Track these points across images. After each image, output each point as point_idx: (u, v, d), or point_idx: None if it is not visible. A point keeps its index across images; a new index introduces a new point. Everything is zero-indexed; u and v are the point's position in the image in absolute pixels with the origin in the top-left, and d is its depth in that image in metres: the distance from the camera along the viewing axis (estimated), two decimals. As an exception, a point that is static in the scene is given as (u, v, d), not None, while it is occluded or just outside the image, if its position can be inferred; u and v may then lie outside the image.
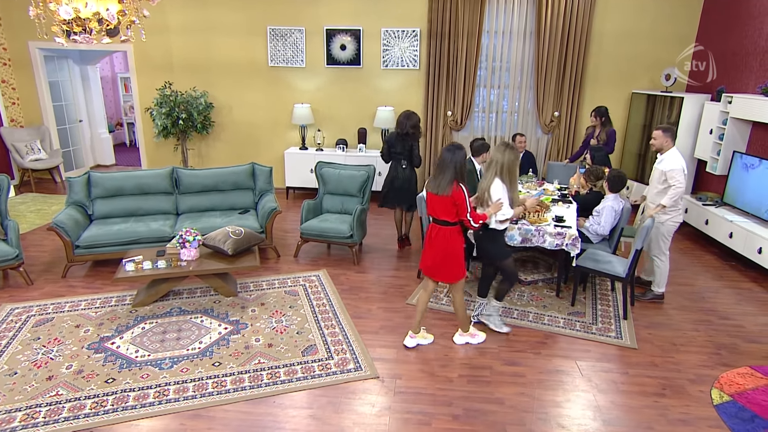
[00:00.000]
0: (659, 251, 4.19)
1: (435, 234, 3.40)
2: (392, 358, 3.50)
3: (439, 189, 3.30)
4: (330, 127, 7.52)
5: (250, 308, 4.12)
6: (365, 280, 4.75)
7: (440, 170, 3.31)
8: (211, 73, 7.39)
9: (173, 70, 7.40)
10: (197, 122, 7.09)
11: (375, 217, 6.68)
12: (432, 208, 3.38)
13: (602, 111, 5.75)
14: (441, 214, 3.35)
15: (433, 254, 3.43)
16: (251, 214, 5.33)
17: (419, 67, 7.11)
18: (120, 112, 11.30)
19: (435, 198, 3.33)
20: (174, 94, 7.02)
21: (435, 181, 3.33)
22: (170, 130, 7.05)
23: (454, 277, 3.46)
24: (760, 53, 5.56)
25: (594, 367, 3.42)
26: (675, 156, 4.00)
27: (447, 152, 3.29)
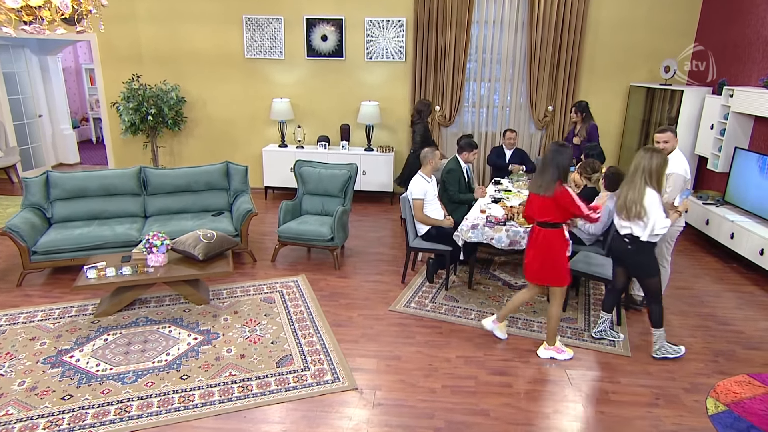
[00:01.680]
0: (661, 257, 4.25)
1: (537, 236, 3.47)
2: (372, 368, 3.52)
3: (541, 189, 3.39)
4: (311, 123, 7.54)
5: (223, 317, 4.12)
6: (346, 286, 4.77)
7: (542, 170, 3.39)
8: (182, 66, 7.38)
9: (142, 62, 7.37)
10: (168, 118, 7.07)
11: (358, 219, 6.70)
12: (533, 209, 3.47)
13: (583, 106, 5.82)
14: (543, 216, 3.43)
15: (537, 257, 3.48)
16: (225, 216, 5.33)
17: (405, 60, 7.15)
18: (85, 106, 11.23)
19: (537, 199, 3.42)
20: (142, 88, 7.00)
21: (537, 181, 3.42)
22: (139, 127, 7.03)
23: (559, 280, 3.50)
24: (763, 44, 5.67)
25: (584, 376, 3.47)
26: (678, 159, 4.02)
27: (551, 152, 3.37)
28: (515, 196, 5.19)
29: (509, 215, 4.40)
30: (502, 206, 4.70)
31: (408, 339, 3.89)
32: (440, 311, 4.30)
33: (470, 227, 4.35)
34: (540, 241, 3.46)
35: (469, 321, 4.15)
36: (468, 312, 4.29)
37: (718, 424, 3.00)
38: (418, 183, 4.64)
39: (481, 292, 4.67)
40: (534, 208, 3.47)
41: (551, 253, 3.44)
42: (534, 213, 3.48)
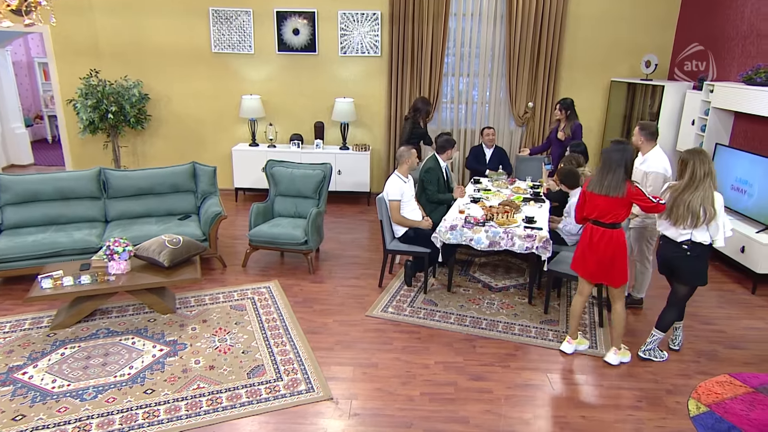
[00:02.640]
0: (642, 256, 4.36)
1: (600, 237, 3.51)
2: (348, 376, 3.53)
3: (611, 190, 3.41)
4: (283, 120, 7.50)
5: (190, 326, 4.08)
6: (321, 291, 4.77)
7: (608, 170, 3.42)
8: (145, 60, 7.27)
9: (100, 57, 7.24)
10: (130, 116, 6.95)
11: (333, 221, 6.70)
12: (598, 210, 3.49)
13: (567, 103, 5.87)
14: (609, 217, 3.47)
15: (599, 258, 3.54)
16: (192, 219, 5.28)
17: (381, 54, 7.17)
18: (39, 103, 10.95)
19: (603, 200, 3.44)
20: (102, 84, 6.87)
21: (602, 181, 3.43)
22: (98, 126, 6.90)
23: (622, 280, 3.57)
24: (741, 38, 5.85)
25: (566, 379, 3.54)
26: (657, 157, 4.12)
27: (615, 151, 3.40)
28: (495, 196, 5.25)
29: (488, 215, 4.46)
30: (481, 206, 4.76)
31: (385, 345, 3.91)
32: (419, 315, 4.33)
33: (449, 228, 4.39)
34: (607, 241, 3.50)
35: (449, 325, 4.19)
36: (447, 316, 4.33)
37: (699, 425, 3.09)
38: (394, 183, 4.66)
39: (461, 294, 4.71)
40: (599, 209, 3.48)
41: (621, 252, 3.52)
42: (599, 214, 3.49)
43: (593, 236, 3.55)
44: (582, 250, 3.65)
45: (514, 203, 4.77)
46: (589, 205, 3.55)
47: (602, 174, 3.45)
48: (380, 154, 7.62)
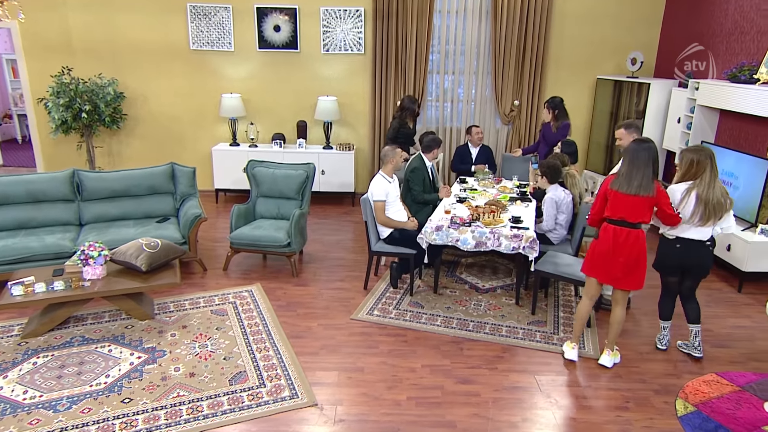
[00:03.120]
0: None
1: (625, 238, 3.44)
2: (333, 381, 3.53)
3: (641, 189, 3.36)
4: (265, 119, 7.47)
5: (170, 332, 4.04)
6: (305, 294, 4.76)
7: (636, 168, 3.36)
8: (120, 58, 7.18)
9: (73, 54, 7.13)
10: (105, 115, 6.86)
11: (317, 222, 6.68)
12: (622, 209, 3.42)
13: (556, 102, 5.91)
14: (636, 217, 3.41)
15: (626, 260, 3.47)
16: (171, 222, 5.23)
17: (364, 52, 7.17)
18: (8, 101, 10.75)
19: (631, 199, 3.38)
20: (75, 82, 6.77)
21: (630, 180, 3.37)
22: (71, 125, 6.79)
23: (641, 282, 3.55)
24: (725, 36, 5.97)
25: (554, 381, 3.57)
26: None
27: (642, 150, 3.35)
28: (481, 195, 5.29)
29: (474, 215, 4.48)
30: (467, 206, 4.78)
31: (371, 349, 3.91)
32: (405, 318, 4.34)
33: (434, 229, 4.41)
34: (633, 242, 3.44)
35: (435, 327, 4.20)
36: (434, 318, 4.35)
37: (687, 425, 3.14)
38: (378, 184, 4.67)
39: (448, 296, 4.73)
40: (626, 209, 3.41)
41: (644, 253, 3.49)
42: (626, 214, 3.42)
43: (618, 237, 3.46)
44: (602, 254, 3.53)
45: (501, 203, 4.80)
46: (613, 206, 3.45)
47: (630, 173, 3.38)
48: (365, 153, 7.62)
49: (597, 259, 3.58)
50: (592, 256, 3.61)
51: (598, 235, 3.55)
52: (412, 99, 6.36)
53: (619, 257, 3.48)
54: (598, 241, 3.57)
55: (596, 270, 3.60)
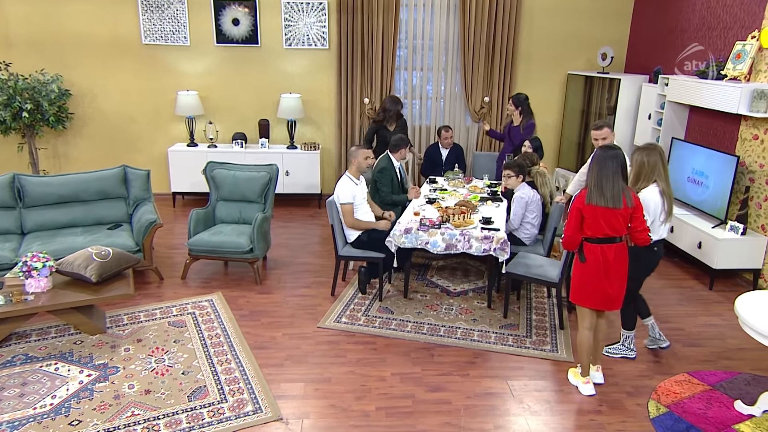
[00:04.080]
0: None
1: (615, 255, 3.32)
2: (299, 393, 3.52)
3: (616, 201, 3.23)
4: (225, 118, 7.39)
5: (123, 347, 3.97)
6: (269, 302, 4.73)
7: (605, 178, 3.23)
8: (64, 52, 6.99)
9: (10, 47, 6.91)
10: (49, 114, 6.67)
11: (281, 226, 6.65)
12: (605, 225, 3.27)
13: (522, 99, 6.01)
14: (619, 230, 3.29)
15: (620, 280, 3.38)
16: (124, 229, 5.14)
17: (329, 47, 7.17)
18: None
19: (609, 212, 3.24)
20: (13, 79, 6.55)
21: (603, 192, 3.22)
22: (10, 125, 6.57)
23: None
24: (694, 31, 6.18)
25: (527, 386, 3.64)
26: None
27: (609, 158, 3.22)
28: (451, 196, 5.35)
29: (444, 217, 4.53)
30: (437, 207, 4.83)
31: (339, 358, 3.92)
32: (374, 325, 4.36)
33: (403, 231, 4.44)
34: (623, 257, 3.36)
35: (405, 333, 4.23)
36: (404, 324, 4.38)
37: (659, 427, 3.25)
38: (344, 186, 4.67)
39: (418, 300, 4.77)
40: (608, 224, 3.26)
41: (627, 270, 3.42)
42: (610, 229, 3.27)
43: (607, 257, 3.31)
44: (595, 278, 3.35)
45: (471, 203, 4.87)
46: (594, 223, 3.29)
47: (601, 184, 3.24)
48: (331, 153, 7.62)
49: (590, 286, 3.38)
50: (583, 283, 3.41)
51: (585, 258, 3.37)
52: (395, 100, 6.26)
53: (613, 279, 3.35)
54: (586, 265, 3.36)
55: (591, 298, 3.41)
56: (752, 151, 5.21)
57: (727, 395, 3.52)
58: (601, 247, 3.31)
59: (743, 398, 3.45)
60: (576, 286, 3.47)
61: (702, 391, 3.57)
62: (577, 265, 3.45)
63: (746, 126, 5.31)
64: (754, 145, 5.19)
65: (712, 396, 3.51)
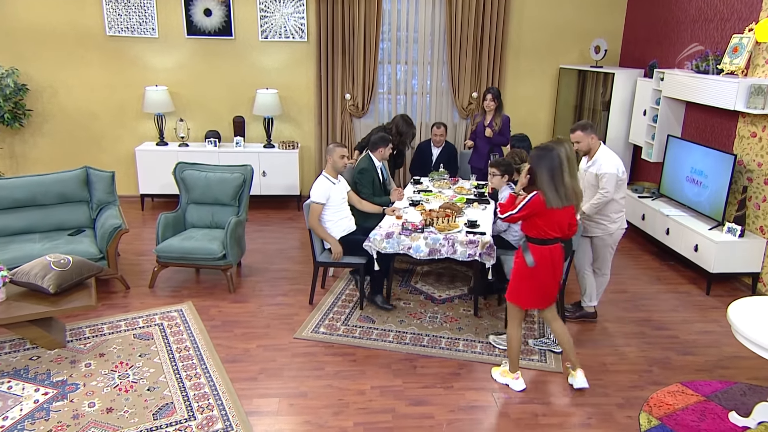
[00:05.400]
0: (605, 265, 4.56)
1: (558, 254, 3.60)
2: (273, 409, 3.52)
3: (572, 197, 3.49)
4: (197, 115, 7.37)
5: (84, 362, 3.94)
6: (243, 312, 4.73)
7: (556, 178, 3.42)
8: (21, 45, 6.93)
9: (-36, 40, 6.85)
10: (4, 111, 6.61)
11: (257, 230, 6.64)
12: (558, 226, 3.52)
13: (498, 92, 6.05)
14: (566, 228, 3.59)
15: (560, 277, 3.73)
16: (86, 235, 5.12)
17: (308, 39, 7.18)
18: None
19: (564, 211, 3.50)
20: (-34, 74, 6.49)
21: (559, 192, 3.42)
22: (-37, 124, 6.52)
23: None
24: (690, 23, 6.27)
25: (513, 398, 3.67)
26: (609, 157, 4.32)
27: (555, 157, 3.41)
28: (436, 198, 5.37)
29: (428, 220, 4.56)
30: (420, 210, 4.85)
31: (316, 371, 3.93)
32: (354, 335, 4.37)
33: (384, 236, 4.46)
34: (562, 256, 3.64)
35: (387, 344, 4.25)
36: (386, 333, 4.40)
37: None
38: (320, 185, 4.67)
39: (401, 308, 4.79)
40: (562, 225, 3.52)
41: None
42: (561, 231, 3.55)
43: (554, 256, 3.57)
44: (544, 279, 3.57)
45: (456, 206, 4.90)
46: (549, 224, 3.48)
47: (555, 185, 3.42)
48: (311, 152, 7.63)
49: (538, 287, 3.58)
50: (533, 287, 3.58)
51: (533, 261, 3.51)
52: (409, 122, 5.95)
53: (558, 278, 3.68)
54: (536, 269, 3.53)
55: (537, 298, 3.63)
56: (750, 149, 5.30)
57: (721, 406, 3.58)
58: (549, 249, 3.56)
59: (738, 409, 3.50)
60: (520, 288, 3.63)
61: (696, 402, 3.63)
62: (523, 268, 3.59)
63: (744, 123, 5.39)
64: (752, 143, 5.27)
65: (706, 407, 3.57)
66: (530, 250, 3.54)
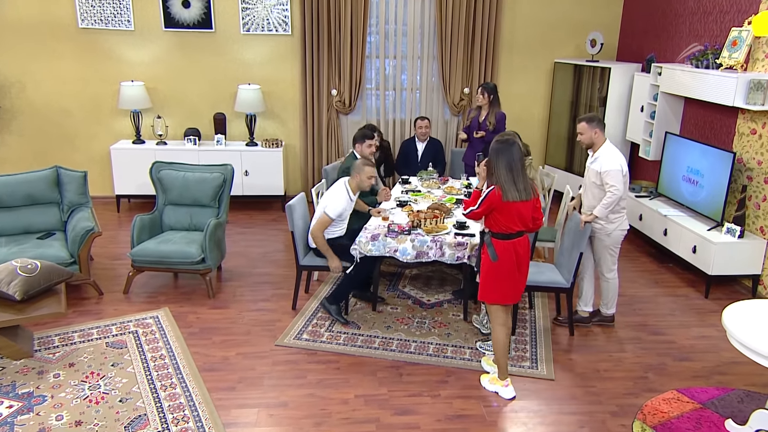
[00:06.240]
0: (606, 267, 4.56)
1: (524, 248, 3.71)
2: (251, 420, 3.52)
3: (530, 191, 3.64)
4: (175, 112, 7.36)
5: (52, 373, 3.92)
6: (222, 319, 4.72)
7: (515, 171, 3.56)
8: (-13, 37, 6.90)
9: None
10: (-30, 108, 6.58)
11: (239, 232, 6.63)
12: (520, 220, 3.62)
13: (492, 88, 6.08)
14: (530, 221, 3.70)
15: (527, 271, 3.80)
16: (56, 238, 5.10)
17: (292, 32, 7.18)
18: None
19: (526, 205, 3.61)
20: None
21: (517, 185, 3.55)
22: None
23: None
24: (688, 15, 6.31)
25: (502, 407, 3.68)
26: (611, 153, 4.33)
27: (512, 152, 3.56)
28: (425, 198, 5.38)
29: (415, 222, 4.56)
30: (407, 211, 4.86)
31: (298, 380, 3.92)
32: (338, 342, 4.37)
33: (370, 238, 4.46)
34: (528, 250, 3.76)
35: (372, 351, 4.25)
36: (371, 340, 4.40)
37: (644, 448, 3.31)
38: (339, 198, 4.61)
39: (388, 314, 4.80)
40: (523, 219, 3.62)
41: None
42: (523, 224, 3.64)
43: (519, 250, 3.66)
44: (510, 274, 3.67)
45: (445, 206, 4.91)
46: (509, 218, 3.59)
47: (513, 178, 3.55)
48: (296, 150, 7.62)
49: (504, 282, 3.68)
50: (497, 281, 3.68)
51: (496, 255, 3.63)
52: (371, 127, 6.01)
53: (523, 272, 3.76)
54: (500, 264, 3.65)
55: (506, 294, 3.71)
56: (750, 146, 5.34)
57: (718, 414, 3.60)
58: (513, 243, 3.65)
59: (735, 417, 3.53)
60: (489, 285, 3.73)
61: (692, 409, 3.65)
62: (488, 264, 3.70)
63: (744, 119, 5.43)
64: (752, 141, 5.31)
65: (702, 415, 3.59)
66: (493, 245, 3.66)
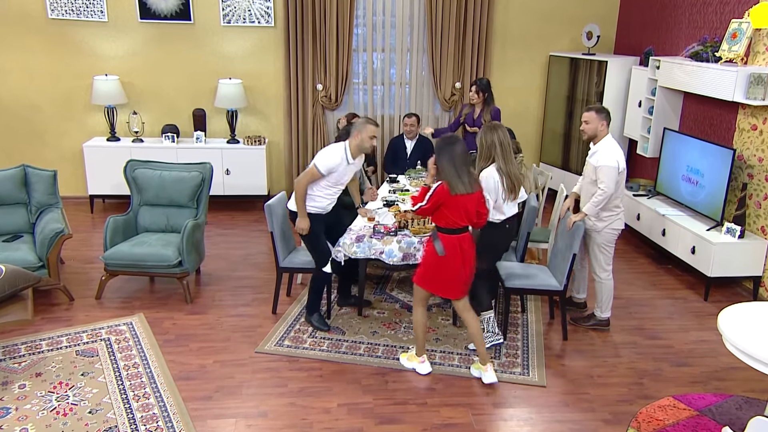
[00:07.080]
0: (598, 267, 4.58)
1: (468, 243, 3.90)
2: (229, 431, 3.51)
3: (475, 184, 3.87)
4: (152, 108, 7.34)
5: (18, 383, 3.89)
6: (200, 325, 4.71)
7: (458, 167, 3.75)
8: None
9: None
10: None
11: (220, 233, 6.62)
12: (465, 215, 3.82)
13: (485, 84, 6.12)
14: (474, 216, 3.89)
15: (472, 266, 3.97)
16: (24, 241, 5.08)
17: (275, 24, 7.18)
18: None
19: (471, 198, 3.81)
20: None
21: (462, 179, 3.75)
22: None
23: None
24: (688, 6, 6.35)
25: (491, 415, 3.69)
26: (609, 148, 4.35)
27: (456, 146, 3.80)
28: (413, 198, 5.38)
29: (402, 222, 4.56)
30: (394, 211, 4.86)
31: (278, 388, 3.92)
32: (321, 348, 4.37)
33: (355, 240, 4.46)
34: (472, 245, 3.93)
35: (357, 357, 4.25)
36: (356, 346, 4.40)
37: (639, 457, 3.32)
38: (332, 155, 4.31)
39: (374, 318, 4.80)
40: (468, 213, 3.83)
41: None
42: (469, 219, 3.85)
43: (464, 245, 3.87)
44: (454, 268, 3.85)
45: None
46: (456, 213, 3.79)
47: (458, 173, 3.75)
48: (279, 147, 7.62)
49: (448, 276, 3.88)
50: (442, 275, 3.88)
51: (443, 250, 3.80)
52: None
53: (467, 267, 3.93)
54: (447, 258, 3.82)
55: (450, 289, 3.94)
56: (750, 143, 5.37)
57: (715, 421, 3.62)
58: (458, 238, 3.84)
59: (733, 424, 3.55)
60: (429, 274, 3.93)
61: (688, 416, 3.67)
62: (433, 255, 3.87)
63: (744, 115, 5.47)
64: (753, 137, 5.35)
65: (698, 422, 3.61)
66: (440, 240, 3.82)
